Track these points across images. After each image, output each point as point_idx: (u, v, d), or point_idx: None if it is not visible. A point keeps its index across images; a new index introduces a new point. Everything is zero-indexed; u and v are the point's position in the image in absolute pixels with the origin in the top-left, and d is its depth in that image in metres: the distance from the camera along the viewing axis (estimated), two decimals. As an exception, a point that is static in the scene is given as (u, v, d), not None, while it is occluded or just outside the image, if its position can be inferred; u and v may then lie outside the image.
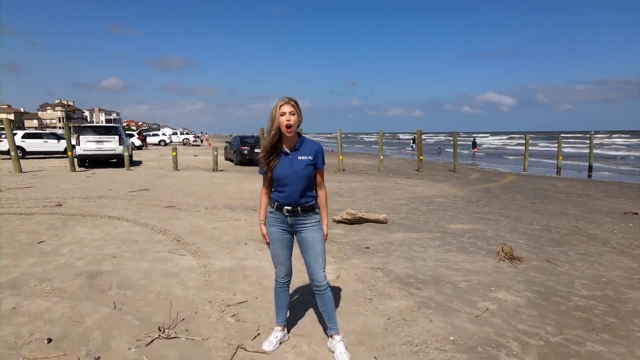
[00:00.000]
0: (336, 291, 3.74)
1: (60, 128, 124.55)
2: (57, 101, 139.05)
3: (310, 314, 3.36)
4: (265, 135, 2.77)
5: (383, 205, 8.65)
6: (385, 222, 6.87)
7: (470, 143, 40.85)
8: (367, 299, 3.69)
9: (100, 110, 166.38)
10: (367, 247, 5.40)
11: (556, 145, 20.82)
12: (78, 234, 5.71)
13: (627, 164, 26.37)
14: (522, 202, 9.64)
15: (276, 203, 2.68)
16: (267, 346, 2.81)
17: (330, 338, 2.81)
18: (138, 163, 19.09)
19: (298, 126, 2.61)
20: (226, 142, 24.77)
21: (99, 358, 2.64)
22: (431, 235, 6.15)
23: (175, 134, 51.70)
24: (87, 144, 16.13)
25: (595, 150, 21.37)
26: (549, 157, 29.06)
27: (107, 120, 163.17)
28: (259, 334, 3.01)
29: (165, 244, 5.30)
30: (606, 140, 60.36)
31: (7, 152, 21.45)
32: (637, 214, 8.34)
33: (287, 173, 2.59)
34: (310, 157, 2.63)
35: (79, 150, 16.11)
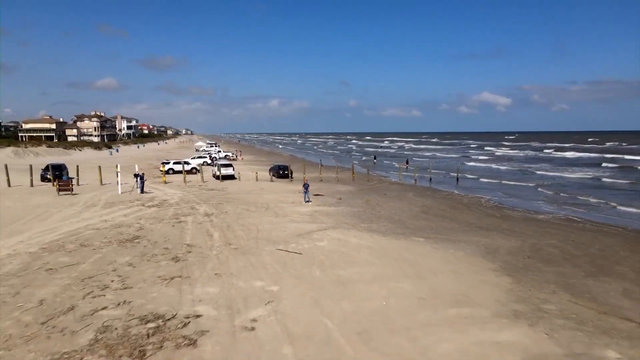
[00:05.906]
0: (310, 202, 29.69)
1: (96, 136, 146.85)
2: (92, 112, 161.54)
3: (308, 203, 29.30)
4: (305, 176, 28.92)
5: (326, 192, 34.56)
6: (323, 195, 32.96)
7: (405, 160, 67.07)
8: (314, 204, 29.71)
9: (122, 117, 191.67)
10: (318, 196, 31.41)
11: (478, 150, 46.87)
12: (267, 196, 31.55)
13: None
14: (366, 193, 35.61)
15: (305, 185, 28.82)
16: (304, 202, 28.90)
17: (308, 203, 28.92)
18: (233, 177, 44.68)
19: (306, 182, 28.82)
20: (270, 167, 50.11)
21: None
22: (330, 198, 32.07)
23: (219, 151, 76.36)
24: (223, 170, 42.02)
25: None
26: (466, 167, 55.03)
27: (129, 127, 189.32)
28: (301, 202, 28.93)
29: (293, 200, 31.03)
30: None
31: (167, 172, 47.15)
32: (386, 195, 34.42)
33: (306, 185, 28.77)
34: (308, 183, 28.80)
35: (221, 172, 41.73)
